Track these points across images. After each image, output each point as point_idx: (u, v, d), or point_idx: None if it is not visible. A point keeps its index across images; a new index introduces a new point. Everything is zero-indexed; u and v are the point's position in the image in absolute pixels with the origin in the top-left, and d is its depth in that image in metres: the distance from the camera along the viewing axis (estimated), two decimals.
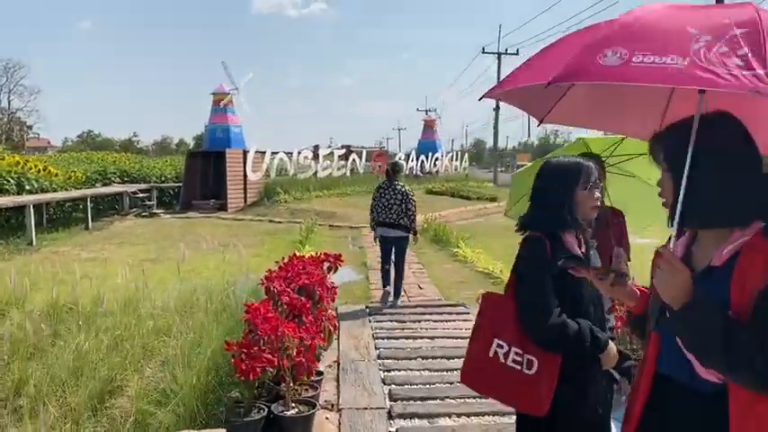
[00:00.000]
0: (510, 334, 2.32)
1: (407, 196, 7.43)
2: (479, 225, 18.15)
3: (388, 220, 7.42)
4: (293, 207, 20.05)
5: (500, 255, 11.72)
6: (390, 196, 7.43)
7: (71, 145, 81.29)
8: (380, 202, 7.48)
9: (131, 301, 6.50)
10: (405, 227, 7.43)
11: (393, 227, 7.43)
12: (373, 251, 12.11)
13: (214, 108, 22.82)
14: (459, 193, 26.77)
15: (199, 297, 6.74)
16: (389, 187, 7.53)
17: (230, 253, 12.29)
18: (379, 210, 7.50)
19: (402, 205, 7.36)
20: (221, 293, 6.63)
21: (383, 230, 7.54)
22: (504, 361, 2.31)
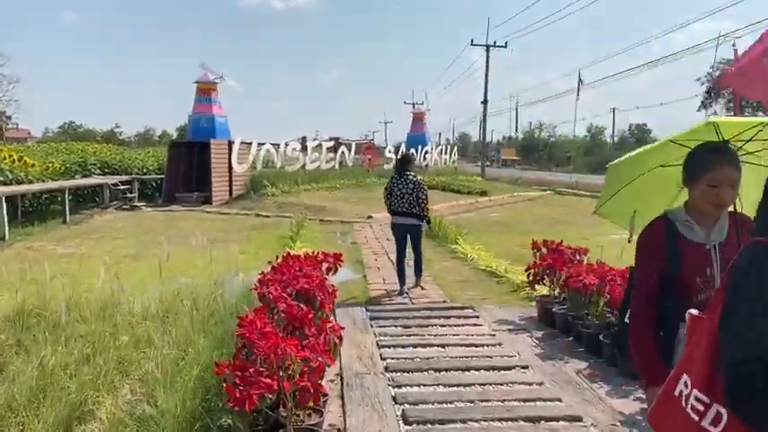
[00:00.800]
0: (696, 370, 1.56)
1: (419, 185, 7.67)
2: (473, 220, 17.61)
3: (402, 209, 7.68)
4: (281, 200, 19.38)
5: (500, 252, 11.19)
6: (402, 186, 7.66)
7: (51, 136, 79.63)
8: (394, 192, 7.73)
9: (108, 305, 5.85)
10: (418, 215, 7.70)
11: (406, 215, 7.69)
12: (368, 247, 11.53)
13: (198, 97, 22.03)
14: (449, 187, 26.26)
15: (183, 301, 6.10)
16: (401, 177, 7.74)
17: (216, 249, 11.64)
18: (392, 200, 7.76)
19: (414, 194, 7.61)
20: (208, 297, 6.00)
21: (397, 219, 7.79)
22: (684, 405, 1.55)
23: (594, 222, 17.23)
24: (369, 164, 28.01)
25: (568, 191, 32.88)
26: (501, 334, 5.84)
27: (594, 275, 5.50)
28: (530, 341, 5.64)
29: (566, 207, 22.38)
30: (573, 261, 6.40)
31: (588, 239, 13.49)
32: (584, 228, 15.70)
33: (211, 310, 5.71)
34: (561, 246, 6.74)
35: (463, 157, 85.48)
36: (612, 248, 12.33)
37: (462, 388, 4.47)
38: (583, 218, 18.37)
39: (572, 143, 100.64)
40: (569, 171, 75.75)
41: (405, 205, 7.66)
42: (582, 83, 38.80)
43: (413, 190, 7.64)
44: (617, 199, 2.91)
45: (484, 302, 7.25)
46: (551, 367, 4.96)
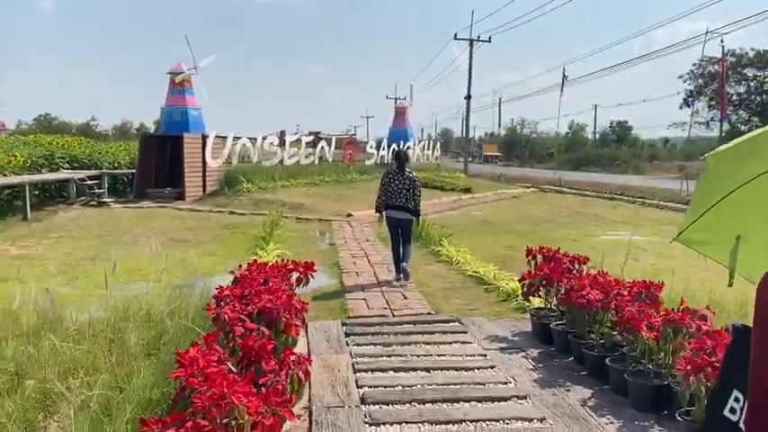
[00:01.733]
0: None
1: (415, 182, 8.11)
2: (456, 219, 16.98)
3: (398, 204, 8.02)
4: (257, 197, 18.61)
5: (487, 254, 10.56)
6: (400, 181, 8.02)
7: (25, 128, 77.62)
8: (390, 187, 8.05)
9: (44, 321, 5.10)
10: (411, 210, 8.08)
11: (401, 209, 8.03)
12: (346, 249, 10.84)
13: (171, 89, 21.10)
14: (432, 184, 25.58)
15: (133, 316, 5.36)
16: (399, 174, 8.10)
17: (184, 250, 10.88)
18: (389, 194, 8.05)
19: (410, 191, 8.01)
20: (163, 310, 5.27)
21: (391, 212, 8.10)
22: None
23: (581, 222, 16.72)
24: (349, 159, 27.26)
25: (552, 188, 32.43)
26: (493, 353, 5.19)
27: (598, 289, 4.87)
28: (526, 363, 4.99)
29: (551, 205, 21.85)
30: (571, 271, 5.76)
31: (578, 240, 12.95)
32: (571, 227, 15.15)
33: (164, 328, 4.99)
34: (558, 253, 6.09)
35: (445, 153, 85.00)
36: (608, 251, 11.77)
37: (451, 426, 3.82)
38: (570, 216, 17.84)
39: (553, 140, 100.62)
40: (551, 168, 75.63)
41: (401, 200, 8.01)
42: (566, 78, 38.38)
43: (410, 186, 8.02)
44: (710, 219, 2.16)
45: (472, 314, 6.60)
46: (552, 397, 4.32)
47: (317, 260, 9.94)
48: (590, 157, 78.96)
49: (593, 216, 18.08)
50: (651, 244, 12.44)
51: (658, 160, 77.59)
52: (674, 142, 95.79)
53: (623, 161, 73.59)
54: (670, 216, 18.62)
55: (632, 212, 19.68)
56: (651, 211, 20.28)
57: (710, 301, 6.04)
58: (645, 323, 4.29)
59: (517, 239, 12.76)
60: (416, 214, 8.21)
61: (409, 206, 8.04)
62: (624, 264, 6.44)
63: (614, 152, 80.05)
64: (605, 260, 10.72)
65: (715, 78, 55.66)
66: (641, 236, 13.76)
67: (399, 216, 8.06)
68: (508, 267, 9.42)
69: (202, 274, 8.87)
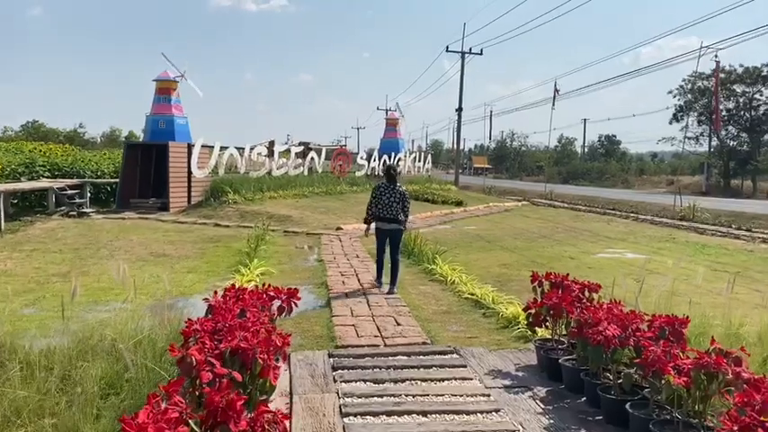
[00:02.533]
0: None
1: (405, 196, 8.51)
2: (449, 233, 16.49)
3: (388, 216, 8.38)
4: (243, 209, 18.02)
5: (483, 274, 10.05)
6: (391, 195, 8.40)
7: (11, 135, 76.48)
8: (381, 200, 8.41)
9: None
10: (400, 221, 8.44)
11: (391, 221, 8.41)
12: (335, 266, 10.30)
13: (157, 97, 20.53)
14: (423, 196, 25.15)
15: (92, 348, 4.78)
16: (389, 187, 8.48)
17: (163, 266, 10.31)
18: (380, 206, 8.41)
19: (400, 203, 8.40)
20: (126, 342, 4.70)
21: (381, 224, 8.46)
22: None
23: (577, 238, 16.25)
24: (340, 171, 26.73)
25: (543, 201, 32.06)
26: (496, 393, 4.66)
27: (615, 323, 4.36)
28: (533, 405, 4.46)
29: (544, 219, 21.41)
30: (582, 300, 5.25)
31: (575, 258, 12.47)
32: (566, 243, 14.69)
33: (122, 368, 4.43)
34: (567, 280, 5.58)
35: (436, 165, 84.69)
36: (608, 270, 11.29)
37: None
38: (564, 232, 17.39)
39: (543, 153, 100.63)
40: (540, 181, 75.49)
41: (392, 212, 8.37)
42: (558, 92, 38.10)
43: (400, 200, 8.41)
44: None
45: (471, 343, 6.07)
46: None
47: (304, 278, 9.44)
48: (579, 171, 79.01)
49: (587, 232, 17.64)
50: (652, 263, 11.99)
51: (647, 174, 77.82)
52: (662, 157, 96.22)
53: (612, 175, 73.72)
54: (665, 232, 18.23)
55: (627, 228, 19.26)
56: (646, 227, 19.88)
57: (730, 333, 5.55)
58: (671, 365, 3.78)
59: (513, 256, 12.28)
60: (403, 224, 8.61)
61: (399, 218, 8.42)
62: (639, 292, 5.92)
63: (603, 166, 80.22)
64: (606, 281, 10.25)
65: (705, 94, 55.76)
66: (640, 254, 13.32)
67: (390, 227, 8.45)
68: (506, 288, 8.92)
69: (180, 293, 8.32)
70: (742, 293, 8.85)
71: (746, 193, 47.89)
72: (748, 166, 50.84)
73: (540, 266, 11.08)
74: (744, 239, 16.51)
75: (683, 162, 78.72)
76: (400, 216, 8.40)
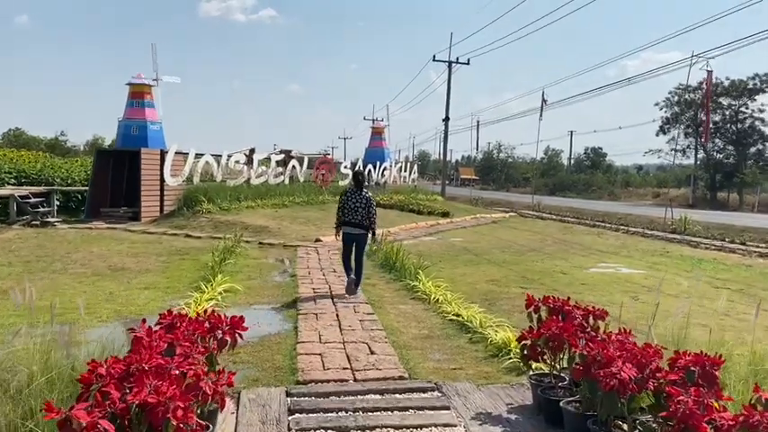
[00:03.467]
0: None
1: (370, 201, 8.67)
2: (434, 246, 15.68)
3: (354, 221, 8.56)
4: (218, 219, 17.12)
5: (469, 291, 9.24)
6: (357, 200, 8.59)
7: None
8: (348, 205, 8.59)
9: None
10: (366, 227, 8.61)
11: (357, 226, 8.58)
12: (308, 281, 9.45)
13: (130, 101, 19.63)
14: (408, 207, 24.36)
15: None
16: (356, 193, 8.68)
17: (117, 282, 9.41)
18: (346, 211, 8.59)
19: (366, 209, 8.56)
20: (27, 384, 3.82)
21: (348, 229, 8.63)
22: None
23: (568, 251, 15.50)
24: (323, 180, 25.87)
25: (531, 213, 31.41)
26: None
27: (630, 361, 3.55)
28: None
29: (532, 231, 20.69)
30: (586, 329, 4.44)
31: (567, 273, 11.70)
32: (557, 257, 13.93)
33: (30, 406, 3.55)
34: (569, 304, 4.78)
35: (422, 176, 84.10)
36: (602, 286, 10.52)
37: None
38: (554, 245, 16.65)
39: (529, 165, 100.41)
40: (527, 192, 75.09)
41: (357, 218, 8.55)
42: (546, 102, 37.57)
43: (365, 205, 8.58)
44: None
45: (456, 376, 5.24)
46: None
47: (272, 296, 8.57)
48: (565, 183, 78.80)
49: (578, 245, 16.91)
50: (647, 278, 11.25)
51: (632, 187, 77.78)
52: (647, 169, 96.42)
53: (598, 187, 73.55)
54: (658, 245, 17.56)
55: (618, 241, 18.57)
56: (637, 240, 19.20)
57: (757, 369, 4.77)
58: (706, 418, 2.99)
59: (501, 271, 11.49)
60: (372, 231, 8.74)
61: (365, 223, 8.59)
62: (652, 320, 5.12)
63: (589, 178, 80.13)
64: (602, 298, 9.49)
65: (691, 106, 55.66)
66: (635, 269, 12.59)
67: (355, 232, 8.63)
68: (495, 308, 8.12)
69: (131, 313, 7.44)
70: (750, 313, 8.11)
71: (733, 206, 47.60)
72: (734, 178, 50.63)
73: (531, 282, 10.31)
74: (740, 253, 15.86)
75: (669, 175, 78.76)
76: (365, 221, 8.59)
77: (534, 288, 9.83)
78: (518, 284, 10.14)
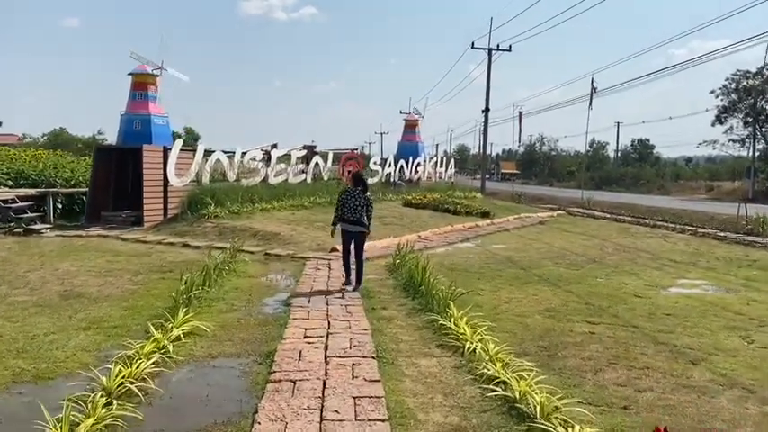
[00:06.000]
0: None
1: (368, 200, 9.03)
2: (472, 255, 13.24)
3: (353, 218, 8.88)
4: (225, 224, 15.00)
5: (520, 333, 6.83)
6: (356, 199, 8.92)
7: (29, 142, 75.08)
8: (347, 204, 8.93)
9: None
10: (364, 224, 8.95)
11: (355, 224, 8.91)
12: (303, 316, 7.13)
13: (133, 93, 17.68)
14: (443, 207, 21.88)
15: None
16: (355, 192, 8.99)
17: (57, 315, 7.29)
18: (345, 210, 8.92)
19: (363, 208, 8.91)
20: None
21: (346, 226, 8.98)
22: None
23: (636, 262, 12.69)
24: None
25: (580, 210, 28.59)
26: None
27: None
28: None
29: (587, 235, 18.02)
30: None
31: (642, 296, 9.12)
32: (624, 271, 11.33)
33: None
34: None
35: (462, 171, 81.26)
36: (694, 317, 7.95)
37: None
38: (616, 253, 14.01)
39: (573, 158, 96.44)
40: (572, 186, 71.62)
41: (356, 215, 8.84)
42: (596, 90, 34.50)
43: (363, 204, 8.90)
44: None
45: None
46: None
47: (244, 343, 6.05)
48: (612, 176, 75.06)
49: (645, 253, 14.25)
50: (749, 304, 8.66)
51: (683, 180, 73.61)
52: (696, 161, 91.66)
53: (647, 181, 69.69)
54: (739, 252, 14.78)
55: (689, 247, 15.82)
56: (710, 245, 16.40)
57: None
58: None
59: (558, 294, 9.02)
60: (366, 227, 9.01)
61: (363, 221, 8.90)
62: None
63: (637, 171, 76.32)
64: (702, 339, 6.93)
65: (750, 93, 51.67)
66: (725, 288, 9.97)
67: (354, 229, 8.94)
68: (556, 362, 5.73)
69: (38, 374, 5.27)
70: None
71: None
72: None
73: (599, 313, 7.81)
74: None
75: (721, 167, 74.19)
76: (363, 219, 8.88)
77: (606, 323, 7.36)
78: (583, 317, 7.67)
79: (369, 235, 9.32)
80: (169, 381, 5.08)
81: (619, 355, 6.07)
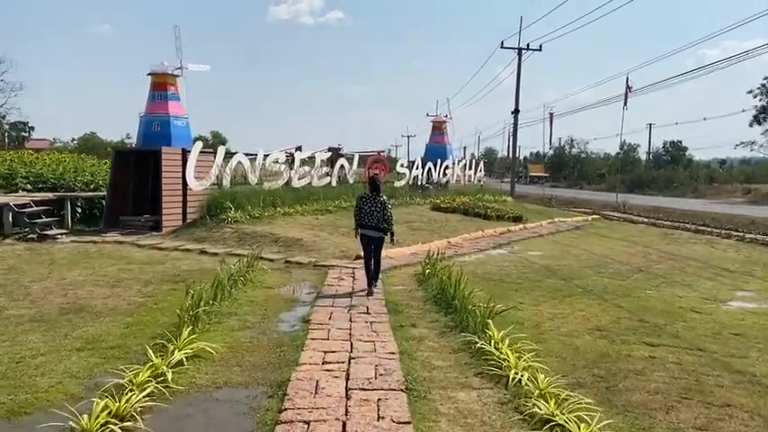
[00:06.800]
0: None
1: (385, 205, 8.94)
2: (506, 263, 12.35)
3: (371, 224, 8.90)
4: (245, 230, 14.32)
5: (567, 354, 5.97)
6: (373, 204, 8.91)
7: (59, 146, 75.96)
8: (364, 210, 8.94)
9: None
10: (382, 229, 8.92)
11: (373, 229, 8.90)
12: (324, 334, 6.34)
13: (152, 93, 17.12)
14: (473, 211, 20.95)
15: None
16: (371, 197, 8.99)
17: (54, 332, 6.62)
18: (363, 215, 8.95)
19: (381, 212, 8.87)
20: None
21: (366, 231, 8.97)
22: None
23: (686, 271, 11.50)
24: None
25: (616, 215, 27.42)
26: None
27: None
28: None
29: (627, 241, 16.98)
30: None
31: (700, 311, 8.10)
32: (675, 282, 10.34)
33: None
34: None
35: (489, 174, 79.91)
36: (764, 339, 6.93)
37: None
38: (661, 261, 12.99)
39: (603, 161, 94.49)
40: (602, 189, 69.90)
41: (373, 221, 8.89)
42: (630, 90, 33.18)
43: (381, 209, 8.90)
44: None
45: None
46: None
47: (255, 369, 5.11)
48: (644, 179, 73.15)
49: (693, 261, 13.21)
50: None
51: (717, 182, 71.50)
52: (731, 163, 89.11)
53: (680, 183, 67.79)
54: None
55: (739, 254, 14.74)
56: (761, 251, 15.29)
57: None
58: None
59: (607, 310, 8.11)
60: (389, 232, 8.98)
61: (381, 226, 8.88)
62: None
63: (670, 174, 74.36)
64: None
65: None
66: None
67: (372, 234, 8.93)
68: (616, 396, 4.87)
69: (13, 408, 4.58)
70: None
71: None
72: None
73: (657, 332, 6.84)
74: None
75: (757, 168, 71.86)
76: (381, 224, 8.88)
77: (667, 345, 6.44)
78: (639, 337, 6.76)
79: (395, 240, 9.39)
80: (163, 418, 4.34)
81: (690, 387, 5.17)
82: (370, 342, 6.11)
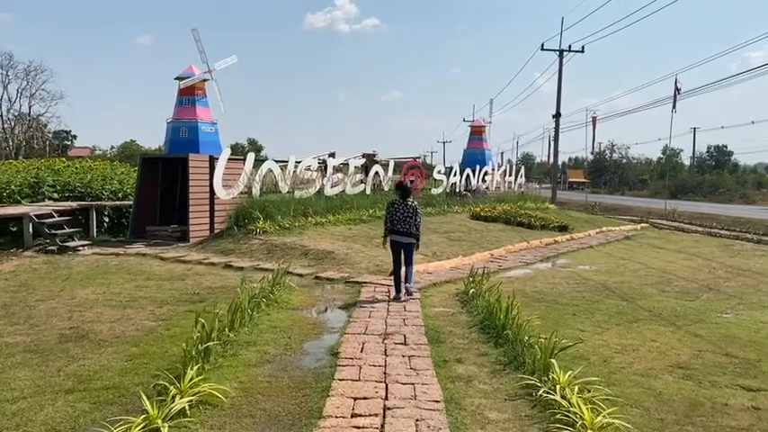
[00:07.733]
0: None
1: (416, 210, 9.07)
2: (557, 280, 11.22)
3: (402, 229, 8.99)
4: (274, 241, 13.47)
5: (648, 403, 4.88)
6: (404, 211, 9.01)
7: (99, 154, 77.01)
8: (395, 216, 9.04)
9: None
10: (413, 235, 9.03)
11: (404, 234, 9.00)
12: (354, 372, 5.35)
13: (179, 99, 16.47)
14: (515, 219, 19.79)
15: None
16: (403, 203, 9.08)
17: (45, 368, 5.79)
18: (394, 221, 9.04)
19: (412, 218, 8.99)
20: None
21: (396, 237, 9.07)
22: None
23: (761, 290, 9.74)
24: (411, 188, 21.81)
25: (665, 223, 25.91)
26: None
27: None
28: None
29: (686, 253, 15.64)
30: None
31: None
32: (753, 304, 9.08)
33: None
34: None
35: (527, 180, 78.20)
36: None
37: None
38: (729, 276, 11.69)
39: (645, 166, 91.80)
40: (644, 195, 67.66)
41: (405, 227, 8.97)
42: (679, 92, 31.54)
43: (412, 215, 9.00)
44: None
45: None
46: None
47: (272, 422, 4.45)
48: (688, 184, 70.66)
49: (766, 276, 11.88)
50: None
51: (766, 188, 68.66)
52: None
53: (727, 189, 65.26)
54: None
55: None
56: None
57: None
58: None
59: (683, 339, 6.96)
60: (416, 238, 9.10)
61: (412, 231, 9.00)
62: None
63: (716, 179, 71.77)
64: None
65: None
66: None
67: (403, 240, 9.03)
68: None
69: None
70: None
71: None
72: None
73: (754, 371, 5.66)
74: None
75: None
76: (412, 230, 8.95)
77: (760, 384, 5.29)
78: (731, 378, 5.63)
79: (418, 246, 9.32)
80: None
81: None
82: (409, 385, 5.12)
